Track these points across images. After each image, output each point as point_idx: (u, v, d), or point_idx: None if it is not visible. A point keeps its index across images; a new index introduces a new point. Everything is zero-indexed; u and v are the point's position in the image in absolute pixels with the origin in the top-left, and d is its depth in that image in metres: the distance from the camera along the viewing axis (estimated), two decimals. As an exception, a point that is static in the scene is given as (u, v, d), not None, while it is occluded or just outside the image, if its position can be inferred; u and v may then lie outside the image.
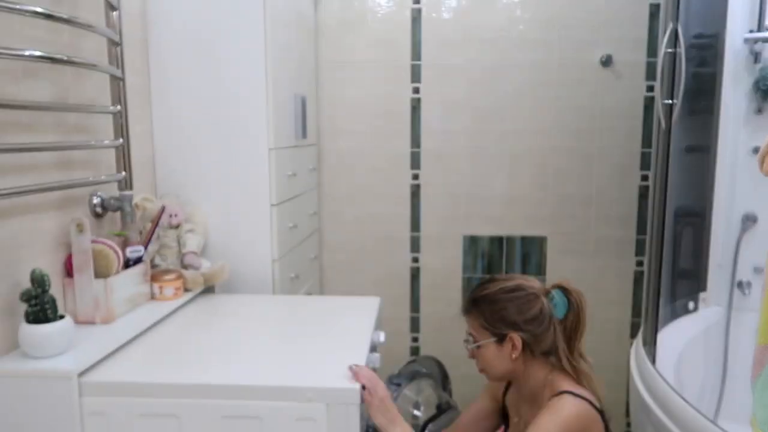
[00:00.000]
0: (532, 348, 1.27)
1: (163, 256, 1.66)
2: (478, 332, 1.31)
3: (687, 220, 2.22)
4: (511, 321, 1.26)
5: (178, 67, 1.75)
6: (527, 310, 1.25)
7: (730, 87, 2.12)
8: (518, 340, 1.25)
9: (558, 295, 1.27)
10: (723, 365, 2.20)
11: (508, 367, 1.29)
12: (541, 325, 1.26)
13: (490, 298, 1.29)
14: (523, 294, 1.27)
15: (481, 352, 1.31)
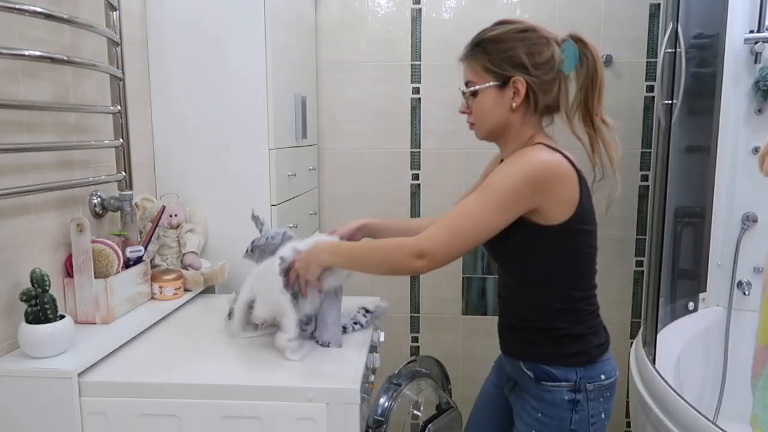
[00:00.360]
0: (535, 98, 1.14)
1: (163, 256, 1.66)
2: (480, 76, 1.17)
3: (687, 220, 2.22)
4: (519, 62, 1.12)
5: (178, 67, 1.75)
6: (538, 53, 1.12)
7: (730, 87, 2.13)
8: (523, 84, 1.13)
9: (570, 48, 1.13)
10: (723, 365, 2.20)
11: (504, 117, 1.17)
12: (549, 73, 1.13)
13: (499, 38, 1.15)
14: (535, 36, 1.13)
15: (478, 100, 1.18)
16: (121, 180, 1.51)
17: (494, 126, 1.20)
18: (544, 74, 1.13)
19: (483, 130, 1.23)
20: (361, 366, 1.20)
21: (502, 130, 1.20)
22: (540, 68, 1.13)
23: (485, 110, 1.19)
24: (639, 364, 1.86)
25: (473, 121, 1.23)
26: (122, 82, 1.48)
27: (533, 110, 1.17)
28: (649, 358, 1.81)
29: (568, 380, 1.17)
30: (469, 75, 1.21)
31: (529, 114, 1.17)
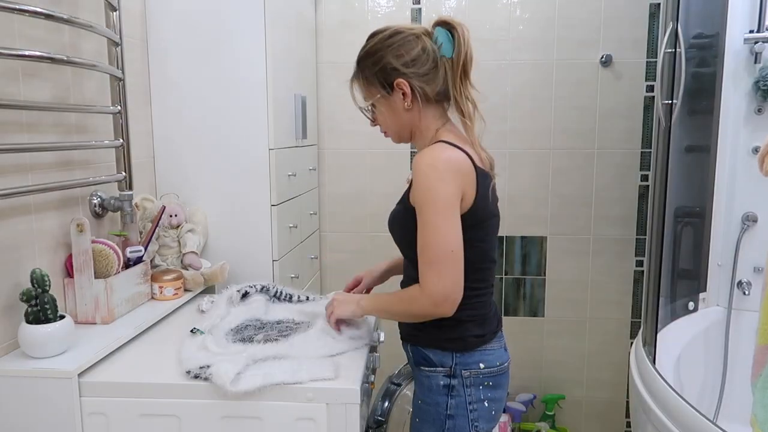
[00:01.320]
0: (424, 92, 1.19)
1: (163, 256, 1.66)
2: (368, 91, 1.25)
3: (687, 220, 2.22)
4: (392, 67, 1.19)
5: (178, 67, 1.75)
6: (407, 51, 1.18)
7: (730, 87, 2.13)
8: (405, 84, 1.18)
9: (441, 33, 1.20)
10: (723, 365, 2.20)
11: (404, 119, 1.23)
12: (426, 64, 1.18)
13: (369, 53, 1.23)
14: (401, 37, 1.19)
15: (378, 112, 1.25)
16: (121, 180, 1.51)
17: (400, 128, 1.26)
18: (420, 68, 1.19)
19: (393, 135, 1.29)
20: (361, 366, 1.20)
21: (409, 129, 1.26)
22: (413, 64, 1.18)
23: (387, 118, 1.25)
24: (639, 364, 1.86)
25: (384, 129, 1.29)
26: (122, 82, 1.48)
27: (425, 102, 1.21)
28: (649, 358, 1.81)
29: (444, 365, 1.21)
30: (362, 92, 1.28)
31: (425, 107, 1.22)
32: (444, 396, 1.21)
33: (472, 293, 1.20)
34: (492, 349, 1.24)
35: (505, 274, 2.46)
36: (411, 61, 1.18)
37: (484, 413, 1.22)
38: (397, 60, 1.19)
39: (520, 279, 2.47)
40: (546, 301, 2.47)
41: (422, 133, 1.24)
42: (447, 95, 1.22)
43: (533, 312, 2.48)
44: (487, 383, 1.22)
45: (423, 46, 1.19)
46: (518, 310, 2.49)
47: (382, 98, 1.23)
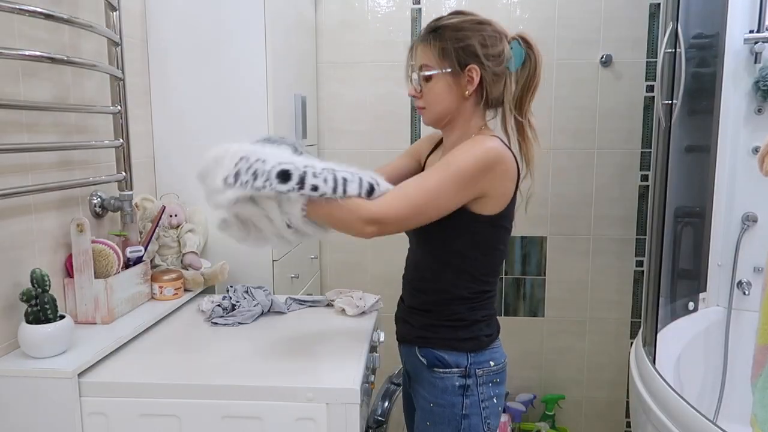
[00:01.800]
0: (486, 89, 1.17)
1: (163, 256, 1.66)
2: (435, 61, 1.17)
3: (687, 220, 2.22)
4: (473, 51, 1.15)
5: (178, 67, 1.75)
6: (492, 45, 1.16)
7: (730, 87, 2.13)
8: (477, 73, 1.15)
9: (517, 47, 1.18)
10: (723, 365, 2.20)
11: (455, 104, 1.19)
12: (500, 66, 1.17)
13: (456, 27, 1.17)
14: (491, 29, 1.18)
15: (431, 85, 1.18)
16: (121, 180, 1.51)
17: (445, 112, 1.21)
18: (496, 66, 1.17)
19: (433, 115, 1.23)
20: (361, 366, 1.20)
21: (451, 117, 1.22)
22: (492, 60, 1.16)
23: (438, 95, 1.19)
24: (639, 364, 1.86)
25: (424, 105, 1.23)
26: (122, 82, 1.48)
27: (483, 101, 1.20)
28: (649, 358, 1.81)
29: (459, 366, 1.20)
30: (423, 59, 1.20)
31: (478, 104, 1.20)
32: (459, 396, 1.20)
33: (486, 294, 1.23)
34: (497, 347, 1.25)
35: (505, 274, 2.46)
36: (493, 55, 1.16)
37: (494, 410, 1.24)
38: (481, 47, 1.15)
39: (520, 279, 2.47)
40: (546, 301, 2.47)
41: (464, 125, 1.21)
42: (499, 104, 1.21)
43: (533, 312, 2.48)
44: (495, 380, 1.23)
45: (504, 47, 1.17)
46: (518, 310, 2.49)
47: (446, 75, 1.17)
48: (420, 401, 1.26)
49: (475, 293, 1.21)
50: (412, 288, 1.28)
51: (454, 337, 1.21)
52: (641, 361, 1.84)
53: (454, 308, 1.21)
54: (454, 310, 1.21)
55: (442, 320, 1.22)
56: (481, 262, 1.19)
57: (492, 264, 1.21)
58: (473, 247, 1.17)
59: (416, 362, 1.26)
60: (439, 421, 1.21)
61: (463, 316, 1.20)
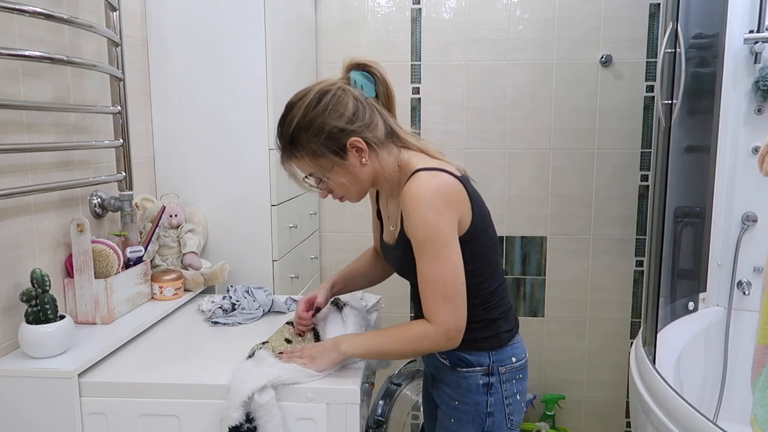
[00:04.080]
0: (377, 139, 1.14)
1: (163, 256, 1.66)
2: (316, 166, 1.14)
3: (687, 220, 2.22)
4: (339, 129, 1.10)
5: (178, 67, 1.75)
6: (344, 107, 1.11)
7: (730, 87, 2.13)
8: (358, 141, 1.11)
9: (357, 76, 1.16)
10: (723, 365, 2.20)
11: (365, 175, 1.15)
12: (366, 112, 1.13)
13: (304, 125, 1.11)
14: (330, 96, 1.12)
15: (333, 181, 1.15)
16: (121, 180, 1.51)
17: (363, 186, 1.19)
18: (362, 118, 1.13)
19: (355, 195, 1.20)
20: (361, 366, 1.20)
21: (373, 182, 1.20)
22: (356, 119, 1.12)
23: (346, 182, 1.16)
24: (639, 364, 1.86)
25: (342, 195, 1.20)
26: (122, 82, 1.48)
27: (379, 147, 1.15)
28: (649, 358, 1.81)
29: (482, 365, 1.21)
30: (305, 170, 1.17)
31: (378, 152, 1.16)
32: (483, 395, 1.21)
33: (498, 291, 1.23)
34: (517, 342, 1.26)
35: (505, 274, 2.46)
36: (353, 115, 1.12)
37: (517, 406, 1.25)
38: (339, 120, 1.11)
39: (520, 279, 2.47)
40: (546, 301, 2.47)
41: (388, 176, 1.18)
42: (391, 134, 1.18)
43: (533, 312, 2.48)
44: (518, 377, 1.25)
45: (353, 95, 1.14)
46: (518, 310, 2.48)
47: (335, 166, 1.14)
48: (445, 398, 1.26)
49: (486, 295, 1.21)
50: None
51: (473, 338, 1.19)
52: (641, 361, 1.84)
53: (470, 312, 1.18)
54: (470, 314, 1.17)
55: None
56: (480, 270, 1.19)
57: (485, 268, 1.20)
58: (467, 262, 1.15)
59: (438, 364, 1.27)
60: (464, 418, 1.22)
61: (480, 317, 1.20)
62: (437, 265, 1.09)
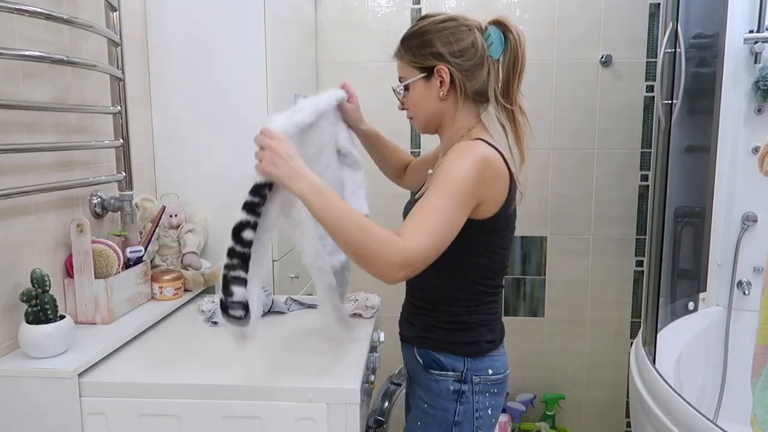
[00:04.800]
0: (463, 85, 1.16)
1: (163, 256, 1.66)
2: (407, 71, 1.20)
3: (687, 220, 2.22)
4: (437, 52, 1.15)
5: (178, 67, 1.75)
6: (457, 41, 1.14)
7: (730, 87, 2.13)
8: (445, 72, 1.15)
9: (494, 32, 1.17)
10: (723, 365, 2.20)
11: (436, 107, 1.19)
12: (473, 59, 1.15)
13: (418, 33, 1.18)
14: (453, 25, 1.16)
15: (410, 94, 1.21)
16: (121, 180, 1.51)
17: (429, 116, 1.22)
18: (466, 60, 1.15)
19: (421, 122, 1.24)
20: (361, 366, 1.20)
21: (438, 121, 1.22)
22: (460, 55, 1.15)
23: (417, 102, 1.21)
24: (639, 364, 1.86)
25: (411, 115, 1.25)
26: (122, 83, 1.48)
27: (463, 97, 1.18)
28: (649, 358, 1.81)
29: (455, 370, 1.19)
30: (400, 71, 1.24)
31: (460, 101, 1.19)
32: (453, 402, 1.19)
33: (487, 297, 1.21)
34: (498, 356, 1.23)
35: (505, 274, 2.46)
36: (458, 51, 1.15)
37: (487, 421, 1.22)
38: (444, 46, 1.15)
39: (520, 279, 2.47)
40: (546, 301, 2.47)
41: (453, 127, 1.21)
42: (485, 96, 1.19)
43: (533, 312, 2.48)
44: (492, 390, 1.21)
45: (473, 39, 1.15)
46: (518, 310, 2.49)
47: (419, 81, 1.19)
48: (416, 400, 1.25)
49: (475, 297, 1.20)
50: (414, 290, 1.28)
51: (451, 339, 1.20)
52: (641, 361, 1.84)
53: (453, 311, 1.20)
54: (453, 313, 1.20)
55: (441, 322, 1.21)
56: (479, 267, 1.18)
57: (492, 268, 1.20)
58: (471, 252, 1.16)
59: (414, 362, 1.26)
60: (431, 423, 1.21)
61: (462, 319, 1.19)
62: (442, 204, 1.04)
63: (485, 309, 1.21)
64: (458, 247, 1.12)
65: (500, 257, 1.21)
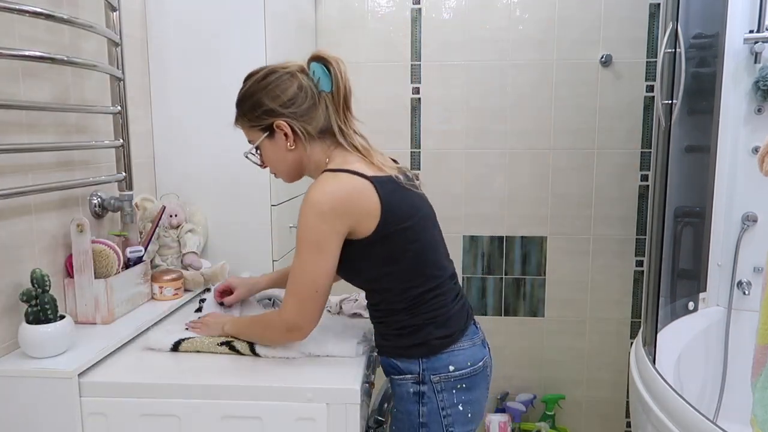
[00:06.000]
0: (305, 130, 1.19)
1: (163, 256, 1.66)
2: (251, 135, 1.24)
3: (687, 220, 2.22)
4: (269, 109, 1.18)
5: (178, 67, 1.75)
6: (283, 91, 1.18)
7: (730, 87, 2.13)
8: (285, 125, 1.18)
9: (317, 68, 1.20)
10: (723, 365, 2.20)
11: (290, 158, 1.22)
12: (305, 102, 1.18)
13: (247, 95, 1.22)
14: (275, 77, 1.19)
15: (263, 154, 1.25)
16: (121, 180, 1.51)
17: (289, 168, 1.25)
18: (299, 106, 1.19)
19: (284, 175, 1.28)
20: (361, 366, 1.20)
21: (299, 168, 1.26)
22: (291, 104, 1.18)
23: (272, 159, 1.25)
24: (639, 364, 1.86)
25: (273, 171, 1.29)
26: (122, 82, 1.48)
27: (309, 139, 1.20)
28: (649, 358, 1.81)
29: (412, 372, 1.19)
30: (246, 136, 1.28)
31: (309, 144, 1.21)
32: (415, 404, 1.19)
33: (426, 296, 1.19)
34: (461, 349, 1.20)
35: (505, 274, 2.46)
36: (288, 101, 1.18)
37: (459, 417, 1.20)
38: (273, 101, 1.18)
39: (520, 279, 2.47)
40: (546, 301, 2.47)
41: (313, 167, 1.23)
42: (331, 130, 1.21)
43: (533, 312, 2.48)
44: (460, 386, 1.19)
45: (299, 84, 1.19)
46: (518, 310, 2.49)
47: (264, 141, 1.23)
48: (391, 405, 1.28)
49: (411, 300, 1.18)
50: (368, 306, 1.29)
51: (400, 344, 1.20)
52: (641, 361, 1.84)
53: (396, 318, 1.20)
54: (396, 319, 1.20)
55: (390, 330, 1.23)
56: (398, 273, 1.17)
57: (413, 268, 1.17)
58: (380, 264, 1.16)
59: (383, 368, 1.29)
60: (401, 427, 1.22)
61: (406, 323, 1.19)
62: (299, 263, 1.13)
63: (428, 307, 1.19)
64: (367, 266, 1.17)
65: (416, 254, 1.18)
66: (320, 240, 1.11)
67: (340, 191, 1.12)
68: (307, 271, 1.13)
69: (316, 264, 1.12)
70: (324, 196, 1.11)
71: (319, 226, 1.10)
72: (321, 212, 1.10)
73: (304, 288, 1.13)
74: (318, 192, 1.12)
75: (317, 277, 1.13)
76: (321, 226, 1.10)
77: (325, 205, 1.10)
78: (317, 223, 1.10)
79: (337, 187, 1.12)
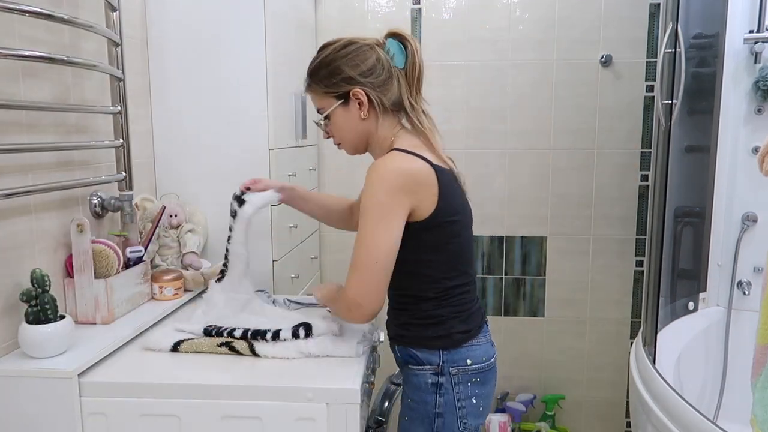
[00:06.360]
0: (380, 101, 1.22)
1: (163, 256, 1.66)
2: (324, 102, 1.26)
3: (687, 220, 2.22)
4: (348, 77, 1.21)
5: (177, 67, 1.75)
6: (362, 61, 1.21)
7: (730, 87, 2.13)
8: (361, 93, 1.21)
9: (393, 44, 1.23)
10: (723, 365, 2.20)
11: (360, 128, 1.24)
12: (382, 74, 1.21)
13: (323, 63, 1.25)
14: (355, 47, 1.22)
15: (333, 122, 1.26)
16: (121, 180, 1.51)
17: (356, 138, 1.28)
18: (377, 77, 1.22)
19: (349, 145, 1.30)
20: (361, 366, 1.20)
21: (365, 140, 1.28)
22: (369, 74, 1.21)
23: (342, 128, 1.27)
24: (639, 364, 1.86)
25: (338, 141, 1.30)
26: (122, 82, 1.48)
27: (383, 111, 1.24)
28: (649, 358, 1.81)
29: (431, 363, 1.22)
30: (316, 103, 1.29)
31: (381, 117, 1.24)
32: (432, 394, 1.21)
33: (455, 290, 1.23)
34: (477, 344, 1.24)
35: (505, 274, 2.46)
36: (367, 70, 1.21)
37: (473, 410, 1.23)
38: (353, 70, 1.21)
39: (520, 279, 2.47)
40: (546, 301, 2.47)
41: (379, 142, 1.26)
42: (401, 105, 1.25)
43: (533, 312, 2.48)
44: (474, 380, 1.23)
45: (377, 56, 1.22)
46: (518, 310, 2.49)
47: (337, 109, 1.24)
48: (403, 395, 1.29)
49: (441, 291, 1.22)
50: (391, 292, 1.30)
51: (424, 334, 1.22)
52: (641, 361, 1.84)
53: (422, 306, 1.22)
54: (423, 308, 1.22)
55: (413, 318, 1.24)
56: (437, 262, 1.20)
57: (451, 261, 1.22)
58: (423, 251, 1.19)
59: (398, 360, 1.30)
60: (415, 417, 1.24)
61: (432, 314, 1.22)
62: (364, 235, 1.14)
63: (455, 301, 1.23)
64: (410, 250, 1.17)
65: (456, 249, 1.22)
66: (385, 212, 1.13)
67: (410, 169, 1.15)
68: (370, 243, 1.13)
69: (378, 235, 1.13)
70: (394, 171, 1.14)
71: (387, 199, 1.12)
72: (390, 187, 1.12)
73: (364, 258, 1.14)
74: (389, 166, 1.14)
75: (378, 246, 1.13)
76: (388, 200, 1.12)
77: (395, 181, 1.13)
78: (385, 197, 1.12)
79: (408, 165, 1.15)
